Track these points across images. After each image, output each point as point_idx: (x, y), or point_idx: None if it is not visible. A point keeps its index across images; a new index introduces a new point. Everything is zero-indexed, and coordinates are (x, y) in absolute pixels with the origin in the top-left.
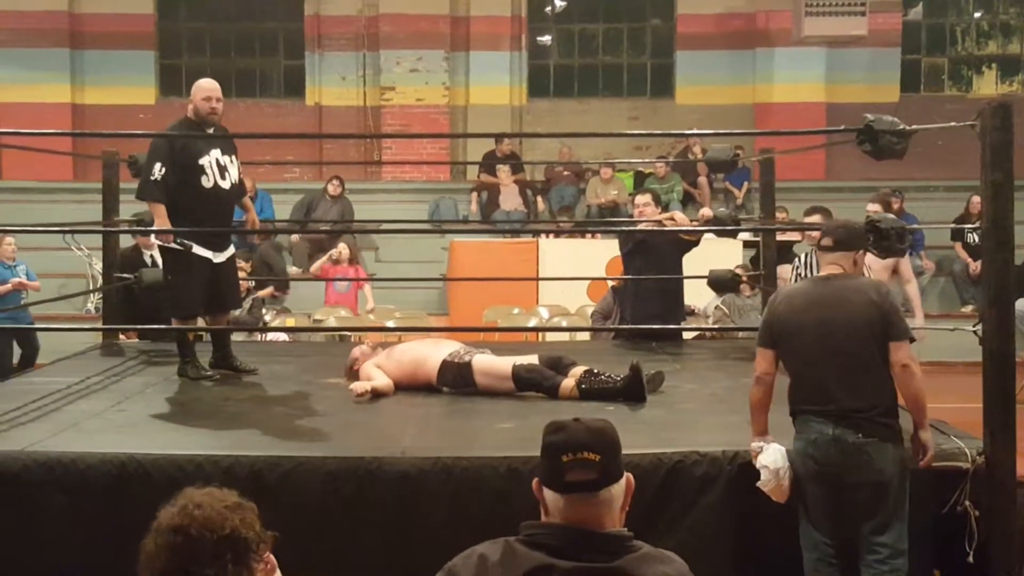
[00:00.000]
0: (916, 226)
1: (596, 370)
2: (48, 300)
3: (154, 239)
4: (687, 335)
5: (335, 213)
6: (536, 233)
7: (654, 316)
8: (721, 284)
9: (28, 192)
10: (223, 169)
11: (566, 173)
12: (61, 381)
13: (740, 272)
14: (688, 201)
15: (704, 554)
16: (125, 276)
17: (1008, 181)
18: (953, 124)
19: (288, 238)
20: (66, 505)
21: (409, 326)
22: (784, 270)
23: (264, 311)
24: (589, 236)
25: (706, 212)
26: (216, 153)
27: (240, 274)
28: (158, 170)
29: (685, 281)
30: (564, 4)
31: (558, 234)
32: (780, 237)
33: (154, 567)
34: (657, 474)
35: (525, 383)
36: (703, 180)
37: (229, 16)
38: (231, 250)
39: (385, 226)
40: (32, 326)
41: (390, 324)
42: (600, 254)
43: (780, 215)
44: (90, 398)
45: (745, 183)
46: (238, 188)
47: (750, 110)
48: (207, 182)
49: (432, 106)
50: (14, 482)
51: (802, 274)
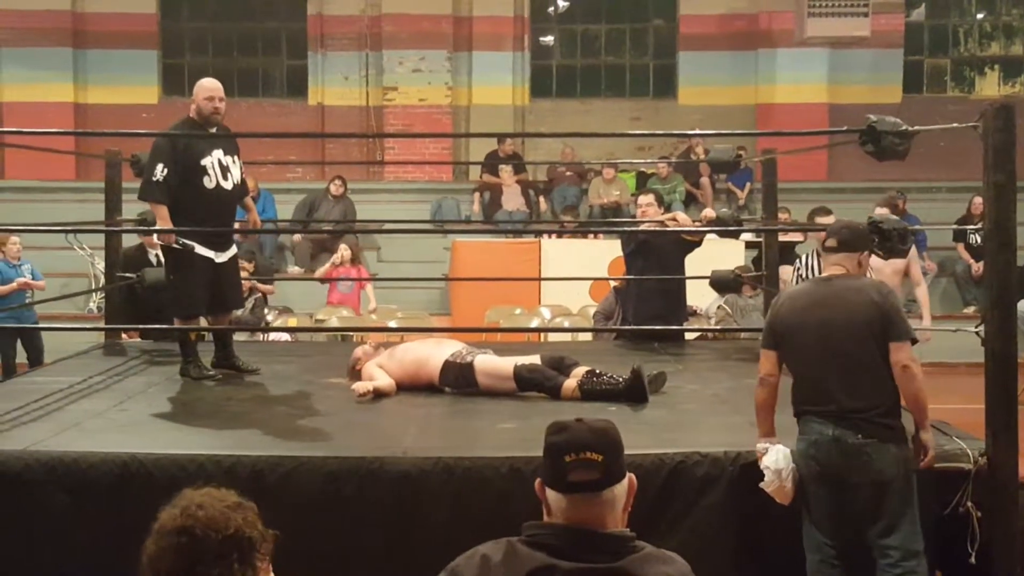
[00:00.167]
0: (918, 227)
1: (598, 370)
2: (50, 299)
3: (156, 239)
4: (689, 335)
5: (337, 213)
6: (538, 233)
7: (656, 316)
8: (723, 284)
9: (31, 191)
10: (225, 169)
11: (568, 173)
12: (63, 380)
13: (742, 273)
14: (690, 201)
15: (706, 555)
16: (127, 276)
17: (1010, 182)
18: (955, 125)
19: (290, 238)
20: (68, 505)
21: (411, 326)
22: (785, 271)
23: (266, 311)
24: (591, 236)
25: (708, 212)
26: (218, 153)
27: (242, 274)
28: (160, 171)
29: (687, 281)
30: (567, 4)
31: (560, 234)
32: (782, 238)
33: (158, 569)
34: (659, 475)
35: (527, 383)
36: (705, 180)
37: (232, 16)
38: (233, 250)
39: (387, 226)
40: (35, 326)
41: (392, 324)
42: (602, 254)
43: (782, 216)
44: (92, 398)
45: (747, 183)
46: (240, 188)
47: (752, 111)
48: (209, 183)
49: (434, 106)
50: (16, 481)
51: (803, 275)
